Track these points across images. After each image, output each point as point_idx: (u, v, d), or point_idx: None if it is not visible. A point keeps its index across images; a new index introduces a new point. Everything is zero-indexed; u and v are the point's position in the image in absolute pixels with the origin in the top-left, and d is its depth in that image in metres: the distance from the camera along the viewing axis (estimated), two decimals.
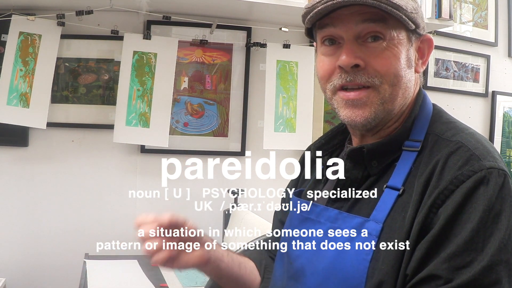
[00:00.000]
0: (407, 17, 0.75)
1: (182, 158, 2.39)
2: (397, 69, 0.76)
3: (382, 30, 0.75)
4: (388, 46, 0.76)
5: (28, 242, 2.04)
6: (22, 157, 2.04)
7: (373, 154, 0.78)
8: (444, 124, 0.78)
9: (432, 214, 0.68)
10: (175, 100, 2.15)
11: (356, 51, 0.75)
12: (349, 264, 0.72)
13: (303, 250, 0.80)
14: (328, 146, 0.91)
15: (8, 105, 1.92)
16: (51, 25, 1.95)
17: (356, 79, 0.75)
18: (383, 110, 0.77)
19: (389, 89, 0.76)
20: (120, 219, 2.13)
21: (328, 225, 0.78)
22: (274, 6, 1.94)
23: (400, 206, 0.72)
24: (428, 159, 0.73)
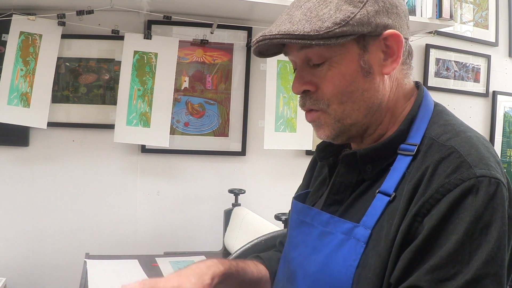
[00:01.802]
0: (325, 39, 0.71)
1: (183, 158, 2.41)
2: (343, 87, 0.75)
3: (322, 51, 0.74)
4: (331, 66, 0.75)
5: (29, 242, 2.04)
6: (22, 157, 2.04)
7: (366, 158, 0.76)
8: (442, 127, 0.74)
9: (417, 223, 0.65)
10: (176, 100, 2.15)
11: (305, 77, 0.78)
12: (336, 269, 0.71)
13: (298, 254, 0.80)
14: (332, 147, 0.89)
15: (8, 104, 1.92)
16: (52, 24, 1.96)
17: (307, 103, 0.79)
18: (343, 126, 0.77)
19: (339, 108, 0.76)
20: (121, 219, 2.13)
21: (320, 229, 0.77)
22: (274, 6, 1.94)
23: (389, 212, 0.70)
24: (420, 164, 0.70)
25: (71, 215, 2.07)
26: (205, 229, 2.21)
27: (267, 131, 2.16)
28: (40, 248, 2.04)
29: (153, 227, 2.16)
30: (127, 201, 2.14)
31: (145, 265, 1.78)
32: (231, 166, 2.25)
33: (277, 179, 2.31)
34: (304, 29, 0.72)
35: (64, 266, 2.04)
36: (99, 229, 2.10)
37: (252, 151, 2.27)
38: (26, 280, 2.02)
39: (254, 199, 2.22)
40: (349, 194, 0.78)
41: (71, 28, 1.99)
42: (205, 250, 2.12)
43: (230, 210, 2.09)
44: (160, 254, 1.99)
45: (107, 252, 1.96)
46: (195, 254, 1.99)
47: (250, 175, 2.27)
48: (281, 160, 2.30)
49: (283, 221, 1.58)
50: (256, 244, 1.26)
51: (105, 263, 1.78)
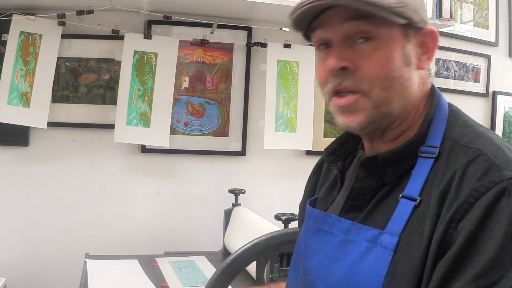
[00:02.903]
0: (389, 12, 0.69)
1: (183, 158, 2.41)
2: (388, 71, 0.71)
3: (370, 28, 0.70)
4: (378, 47, 0.71)
5: (29, 241, 2.04)
6: (22, 157, 2.04)
7: (387, 162, 0.73)
8: (462, 128, 0.73)
9: (452, 230, 0.63)
10: (176, 100, 2.15)
11: (344, 53, 0.72)
12: (362, 279, 0.67)
13: (316, 264, 0.76)
14: (341, 150, 0.87)
15: (8, 104, 1.92)
16: (52, 24, 1.96)
17: (344, 83, 0.72)
18: (379, 113, 0.73)
19: (381, 93, 0.72)
20: (121, 219, 2.13)
21: (341, 237, 0.73)
22: (274, 6, 1.94)
23: (417, 218, 0.67)
24: (445, 168, 0.68)
25: (71, 215, 2.07)
26: (205, 229, 2.21)
27: (267, 131, 2.16)
28: (40, 248, 2.04)
29: (153, 227, 2.16)
30: (127, 201, 2.14)
31: (145, 265, 1.78)
32: (231, 166, 2.25)
33: (277, 179, 2.31)
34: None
35: (64, 266, 2.04)
36: (99, 229, 2.10)
37: (252, 151, 2.27)
38: (26, 280, 2.02)
39: (254, 199, 2.22)
40: (368, 200, 0.75)
41: (71, 28, 1.99)
42: (205, 250, 2.12)
43: (230, 210, 2.09)
44: (160, 254, 1.99)
45: (107, 252, 1.96)
46: (195, 254, 1.99)
47: (250, 175, 2.27)
48: (281, 160, 2.30)
49: (283, 221, 1.58)
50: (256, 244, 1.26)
51: (105, 263, 1.78)
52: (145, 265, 1.78)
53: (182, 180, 2.21)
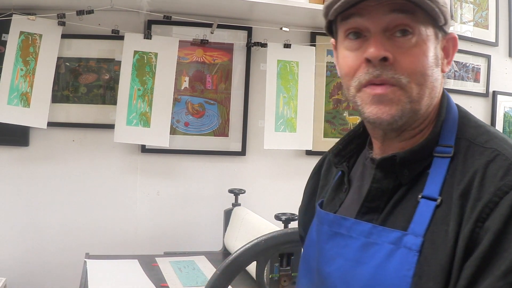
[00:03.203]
0: (439, 10, 0.70)
1: (183, 158, 2.41)
2: (425, 68, 0.72)
3: (411, 23, 0.70)
4: (417, 42, 0.71)
5: (29, 241, 2.04)
6: (22, 157, 2.04)
7: (405, 162, 0.73)
8: (474, 128, 0.74)
9: (478, 229, 0.64)
10: (176, 100, 2.15)
11: (385, 44, 0.71)
12: (388, 281, 0.67)
13: (336, 268, 0.75)
14: (345, 151, 0.86)
15: (8, 104, 1.92)
16: (52, 24, 1.96)
17: (384, 74, 0.70)
18: (410, 109, 0.72)
19: (416, 88, 0.71)
20: (121, 219, 2.13)
21: (362, 240, 0.73)
22: (274, 6, 1.94)
23: (440, 218, 0.67)
24: (463, 167, 0.69)
25: (71, 215, 2.07)
26: (205, 229, 2.21)
27: (267, 131, 2.16)
28: (40, 248, 2.04)
29: (153, 227, 2.16)
30: (127, 201, 2.14)
31: (145, 265, 1.78)
32: (231, 166, 2.25)
33: (277, 179, 2.31)
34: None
35: (64, 266, 2.04)
36: (99, 229, 2.10)
37: (252, 151, 2.27)
38: (26, 280, 2.02)
39: (254, 199, 2.22)
40: (385, 201, 0.74)
41: (71, 28, 1.99)
42: (205, 250, 2.12)
43: (230, 210, 2.09)
44: (160, 254, 1.99)
45: (107, 252, 1.96)
46: (195, 254, 1.99)
47: (250, 175, 2.27)
48: (281, 160, 2.30)
49: (283, 221, 1.58)
50: (256, 244, 1.26)
51: (105, 263, 1.78)
52: (145, 265, 1.78)
53: (182, 180, 2.21)
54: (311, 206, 0.95)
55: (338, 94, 2.35)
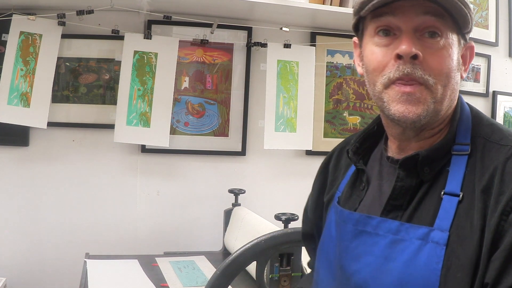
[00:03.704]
0: (470, 18, 0.75)
1: (183, 158, 2.41)
2: (450, 70, 0.75)
3: (441, 26, 0.74)
4: (444, 45, 0.75)
5: (29, 242, 2.04)
6: (22, 157, 2.04)
7: (426, 160, 0.76)
8: (487, 126, 0.79)
9: (503, 222, 0.67)
10: (176, 100, 2.15)
11: (414, 43, 0.74)
12: (420, 274, 0.70)
13: (364, 265, 0.77)
14: (360, 149, 0.89)
15: (8, 104, 1.92)
16: (52, 24, 1.96)
17: (414, 72, 0.73)
18: (434, 109, 0.76)
19: (441, 89, 0.75)
20: (121, 219, 2.13)
21: (390, 237, 0.75)
22: (274, 6, 1.94)
23: (463, 212, 0.71)
24: (482, 164, 0.73)
25: (71, 215, 2.07)
26: (205, 229, 2.21)
27: (267, 131, 2.16)
28: (40, 248, 2.04)
29: (153, 227, 2.16)
30: (127, 201, 2.14)
31: (145, 265, 1.78)
32: (231, 166, 2.25)
33: (277, 179, 2.31)
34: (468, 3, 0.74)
35: (64, 266, 2.04)
36: (99, 229, 2.10)
37: (252, 151, 2.27)
38: (26, 280, 2.02)
39: (254, 199, 2.22)
40: (408, 199, 0.77)
41: (71, 28, 1.99)
42: (205, 250, 2.12)
43: (230, 210, 2.09)
44: (160, 254, 1.99)
45: (107, 252, 1.96)
46: (195, 254, 1.99)
47: (250, 175, 2.27)
48: (281, 160, 2.30)
49: (283, 221, 1.58)
50: (256, 244, 1.26)
51: (105, 263, 1.78)
52: (145, 265, 1.78)
53: (182, 180, 2.21)
54: (320, 202, 0.98)
55: (338, 94, 2.35)
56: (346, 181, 0.91)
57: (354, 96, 2.36)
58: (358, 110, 2.36)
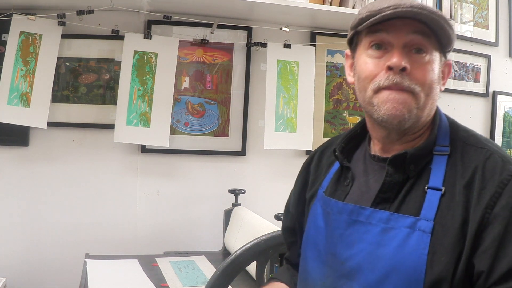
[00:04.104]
0: (453, 38, 0.86)
1: (183, 158, 2.41)
2: (432, 82, 0.86)
3: (427, 44, 0.85)
4: (428, 60, 0.86)
5: (29, 241, 2.04)
6: (22, 157, 2.04)
7: (412, 158, 0.86)
8: (464, 132, 0.91)
9: (487, 214, 0.78)
10: (176, 100, 2.15)
11: (403, 57, 0.84)
12: (408, 258, 0.80)
13: (358, 251, 0.86)
14: (345, 150, 0.98)
15: (8, 104, 1.92)
16: (52, 24, 1.96)
17: (403, 82, 0.84)
18: (416, 115, 0.86)
19: (424, 98, 0.85)
20: (121, 219, 2.13)
21: (382, 226, 0.85)
22: (274, 6, 1.94)
23: (445, 205, 0.82)
24: (462, 163, 0.84)
25: (71, 215, 2.08)
26: (205, 229, 2.22)
27: (267, 131, 2.16)
28: (40, 248, 2.04)
29: (153, 227, 2.16)
30: (127, 201, 2.14)
31: (145, 265, 1.78)
32: (231, 166, 2.25)
33: (277, 179, 2.31)
34: (446, 17, 0.84)
35: (64, 266, 2.04)
36: (99, 229, 2.10)
37: (252, 151, 2.27)
38: (26, 280, 2.02)
39: (254, 199, 2.22)
40: (395, 193, 0.86)
41: (71, 28, 1.99)
42: (205, 250, 2.12)
43: (230, 210, 2.09)
44: (160, 254, 1.99)
45: (107, 252, 1.96)
46: (195, 254, 1.99)
47: (250, 175, 2.27)
48: (281, 160, 2.30)
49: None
50: (256, 244, 1.26)
51: (105, 263, 1.78)
52: (145, 265, 1.78)
53: (182, 180, 2.21)
54: (302, 198, 1.07)
55: (338, 94, 2.35)
56: (330, 178, 1.00)
57: (354, 96, 2.35)
58: (358, 110, 2.36)
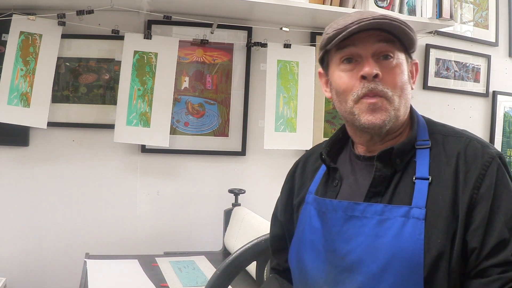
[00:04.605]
0: (415, 39, 0.93)
1: (183, 158, 2.41)
2: (403, 83, 0.94)
3: (392, 50, 0.93)
4: (396, 64, 0.93)
5: (29, 241, 2.04)
6: (22, 157, 2.04)
7: (398, 153, 0.93)
8: (441, 126, 0.99)
9: (475, 194, 0.86)
10: (176, 100, 2.15)
11: (374, 65, 0.91)
12: (406, 245, 0.85)
13: (357, 245, 0.90)
14: (331, 153, 1.04)
15: (8, 104, 1.92)
16: (52, 24, 1.96)
17: (377, 87, 0.91)
18: (394, 115, 0.93)
19: (397, 99, 0.93)
20: (121, 219, 2.13)
21: (377, 218, 0.90)
22: (274, 6, 1.94)
23: (434, 192, 0.88)
24: (445, 153, 0.92)
25: (71, 215, 2.08)
26: (205, 229, 2.22)
27: (267, 131, 2.16)
28: (40, 248, 2.04)
29: (153, 227, 2.16)
30: (127, 201, 2.14)
31: (145, 265, 1.78)
32: (231, 166, 2.26)
33: (277, 179, 2.29)
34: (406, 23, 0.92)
35: (64, 266, 2.04)
36: (99, 229, 2.10)
37: (252, 151, 2.27)
38: (26, 280, 2.02)
39: (254, 199, 2.22)
40: (385, 186, 0.92)
41: (71, 28, 1.99)
42: (205, 250, 2.12)
43: (230, 210, 2.09)
44: (160, 254, 1.99)
45: (107, 252, 1.96)
46: (195, 254, 1.99)
47: (250, 175, 2.27)
48: (281, 160, 2.30)
49: None
50: (256, 244, 1.26)
51: (105, 263, 1.78)
52: (145, 265, 1.78)
53: (182, 180, 2.21)
54: (290, 205, 1.12)
55: None
56: (317, 183, 1.05)
57: None
58: None
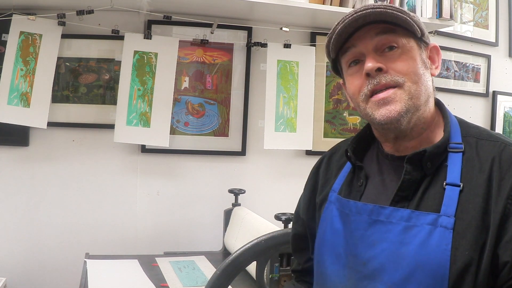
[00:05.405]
0: (412, 21, 0.86)
1: (183, 158, 2.41)
2: (415, 68, 0.87)
3: (394, 39, 0.88)
4: (403, 52, 0.88)
5: (29, 241, 2.04)
6: (22, 157, 2.04)
7: (430, 156, 0.86)
8: (475, 128, 0.92)
9: (509, 205, 0.79)
10: (176, 100, 2.15)
11: (377, 59, 0.87)
12: (432, 255, 0.80)
13: (381, 251, 0.85)
14: (356, 150, 0.99)
15: (8, 104, 1.92)
16: (52, 24, 1.96)
17: (382, 80, 0.86)
18: (412, 105, 0.86)
19: (413, 86, 0.86)
20: (121, 219, 2.13)
21: (403, 224, 0.84)
22: (274, 6, 1.94)
23: (465, 200, 0.82)
24: (479, 158, 0.85)
25: (71, 215, 2.08)
26: (205, 229, 2.22)
27: (267, 131, 2.16)
28: (40, 248, 2.04)
29: (153, 227, 2.16)
30: (127, 201, 2.14)
31: (145, 265, 1.78)
32: (231, 166, 2.25)
33: (277, 179, 2.31)
34: (406, 11, 0.88)
35: (64, 266, 2.04)
36: (99, 229, 2.10)
37: (252, 151, 2.27)
38: (26, 280, 2.02)
39: (254, 199, 2.22)
40: (413, 191, 0.86)
41: (71, 28, 1.99)
42: (205, 250, 2.12)
43: (230, 210, 2.09)
44: (160, 254, 1.99)
45: (107, 252, 1.96)
46: (195, 254, 1.99)
47: (250, 175, 2.27)
48: (281, 160, 2.30)
49: (283, 221, 1.58)
50: (256, 244, 1.26)
51: (105, 263, 1.78)
52: (145, 265, 1.78)
53: (182, 180, 2.21)
54: (313, 203, 1.06)
55: (338, 94, 2.35)
56: (342, 181, 0.99)
57: None
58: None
